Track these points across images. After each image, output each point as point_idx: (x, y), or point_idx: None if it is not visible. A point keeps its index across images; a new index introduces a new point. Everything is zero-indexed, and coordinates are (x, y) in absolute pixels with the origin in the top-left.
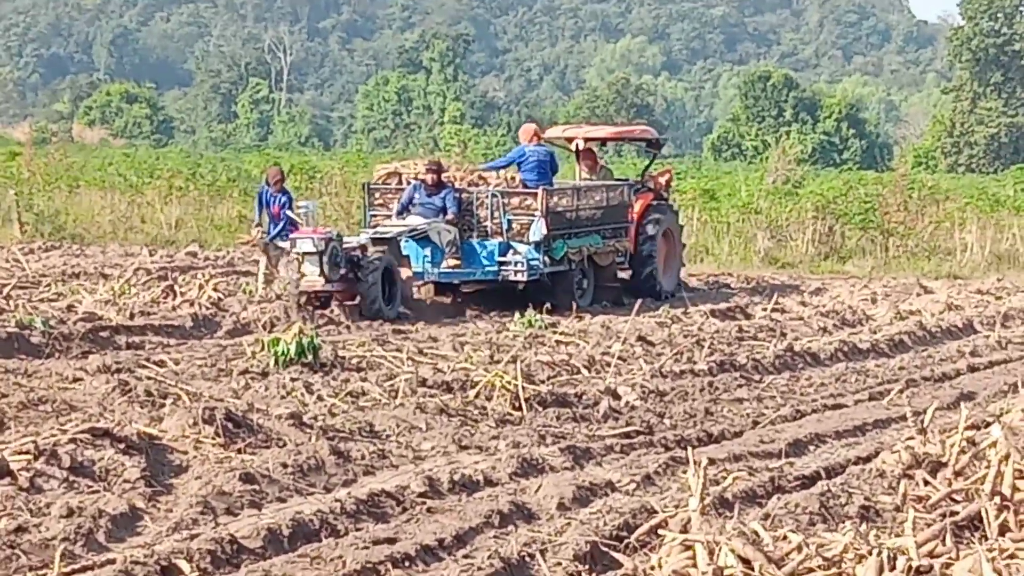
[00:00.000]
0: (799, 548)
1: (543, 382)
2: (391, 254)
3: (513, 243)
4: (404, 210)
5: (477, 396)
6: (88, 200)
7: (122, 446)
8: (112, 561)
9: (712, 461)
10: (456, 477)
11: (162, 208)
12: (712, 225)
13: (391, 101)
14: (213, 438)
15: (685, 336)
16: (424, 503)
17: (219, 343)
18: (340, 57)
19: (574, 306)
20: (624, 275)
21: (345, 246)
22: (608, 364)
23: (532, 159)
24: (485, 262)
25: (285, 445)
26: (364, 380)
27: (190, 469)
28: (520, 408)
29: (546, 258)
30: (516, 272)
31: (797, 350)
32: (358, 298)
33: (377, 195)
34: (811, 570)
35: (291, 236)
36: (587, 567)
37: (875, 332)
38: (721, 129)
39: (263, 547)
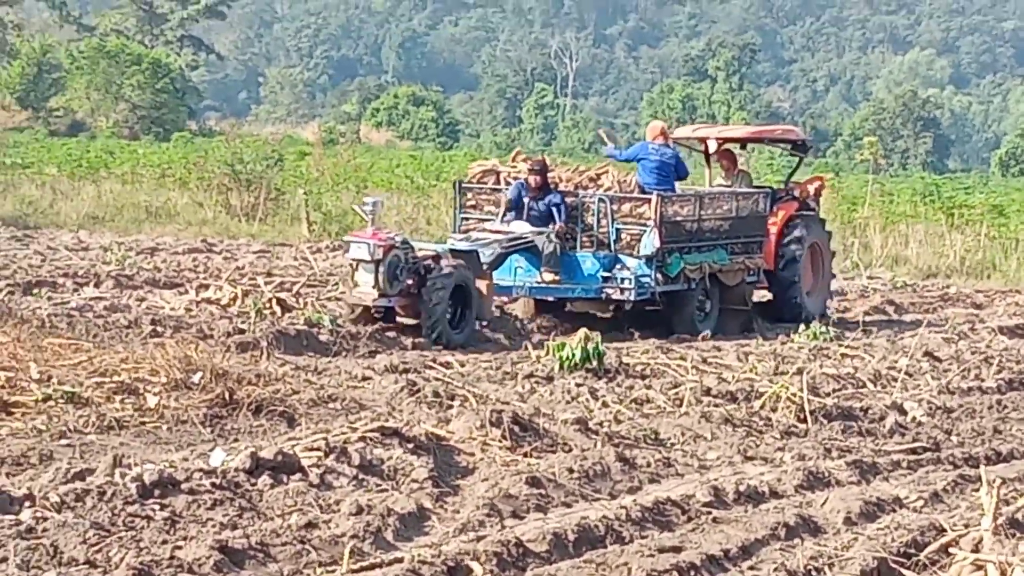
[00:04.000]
0: None
1: (828, 395)
2: (469, 267)
3: (621, 256)
4: (513, 211)
5: (763, 407)
6: None
7: (410, 446)
8: (400, 560)
9: (1003, 481)
10: (742, 488)
11: (447, 210)
12: (1000, 241)
13: (675, 109)
14: (500, 441)
15: (973, 353)
16: (709, 513)
17: (504, 346)
18: (625, 64)
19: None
20: (762, 295)
21: (420, 252)
22: (894, 379)
23: (653, 159)
24: (587, 277)
25: (571, 450)
26: (648, 387)
27: (477, 471)
28: (805, 420)
29: (659, 275)
30: (622, 290)
31: None
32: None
33: (470, 195)
34: None
35: (345, 238)
36: None
37: None
38: (1010, 144)
39: (549, 551)
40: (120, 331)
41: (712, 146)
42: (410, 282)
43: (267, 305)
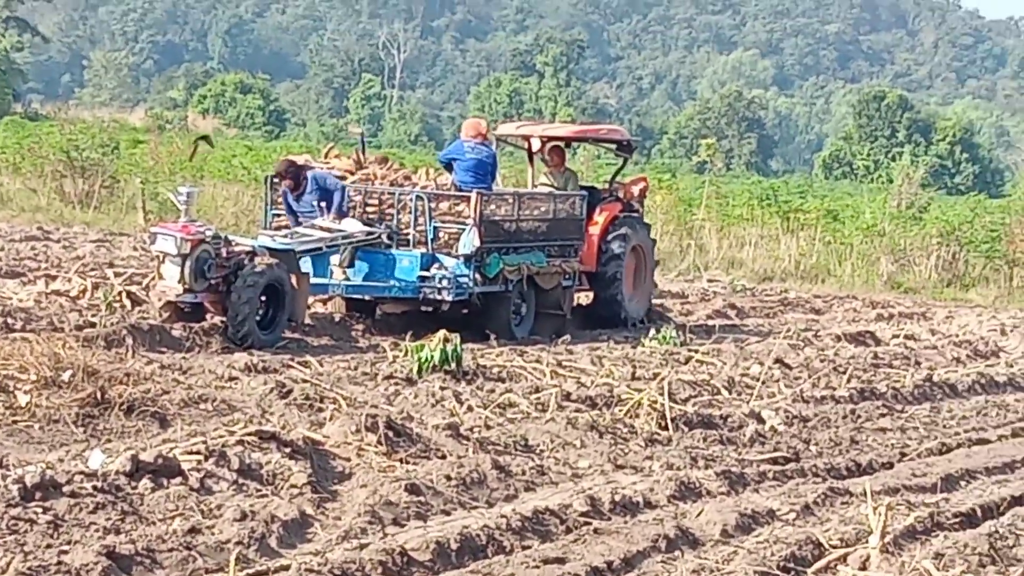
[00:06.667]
0: None
1: (686, 401)
2: (284, 265)
3: (439, 255)
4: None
5: (626, 414)
6: (211, 191)
7: (288, 450)
8: (286, 568)
9: (873, 495)
10: (617, 498)
11: None
12: (834, 247)
13: (502, 103)
14: (375, 446)
15: (821, 360)
16: (588, 523)
17: (357, 345)
18: (453, 57)
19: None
20: (581, 299)
21: (236, 247)
22: (748, 386)
23: (469, 157)
24: (404, 276)
25: (445, 457)
26: (510, 391)
27: (354, 476)
28: (666, 427)
29: (477, 275)
30: (440, 290)
31: (935, 380)
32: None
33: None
34: None
35: (152, 229)
36: None
37: (1011, 365)
38: (833, 147)
39: (432, 560)
40: None
41: (535, 144)
42: (220, 278)
43: (117, 298)
